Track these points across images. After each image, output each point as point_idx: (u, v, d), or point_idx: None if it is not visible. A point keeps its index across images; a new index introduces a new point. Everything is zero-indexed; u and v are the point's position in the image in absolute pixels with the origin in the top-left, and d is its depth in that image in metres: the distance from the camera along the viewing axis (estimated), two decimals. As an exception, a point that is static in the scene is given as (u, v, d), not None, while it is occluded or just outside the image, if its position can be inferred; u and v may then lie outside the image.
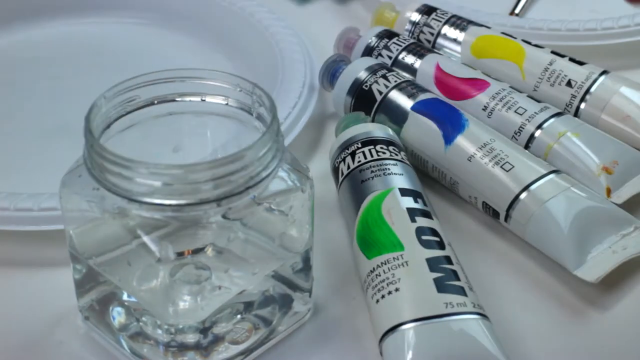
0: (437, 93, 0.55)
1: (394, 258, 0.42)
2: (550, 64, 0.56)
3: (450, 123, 0.51)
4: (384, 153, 0.48)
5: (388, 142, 0.49)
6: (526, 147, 0.51)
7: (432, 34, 0.61)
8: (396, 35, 0.59)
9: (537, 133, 0.51)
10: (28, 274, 0.46)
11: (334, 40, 0.61)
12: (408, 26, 0.62)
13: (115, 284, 0.40)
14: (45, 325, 0.43)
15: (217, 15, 0.66)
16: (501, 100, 0.53)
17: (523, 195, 0.47)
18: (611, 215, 0.47)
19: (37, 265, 0.47)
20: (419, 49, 0.58)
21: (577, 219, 0.45)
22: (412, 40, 0.59)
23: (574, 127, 0.51)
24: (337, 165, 0.49)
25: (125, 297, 0.40)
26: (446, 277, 0.41)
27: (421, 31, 0.61)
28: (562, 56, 0.57)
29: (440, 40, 0.60)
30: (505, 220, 0.48)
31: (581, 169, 0.50)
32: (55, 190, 0.39)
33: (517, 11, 0.70)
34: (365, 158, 0.48)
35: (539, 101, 0.53)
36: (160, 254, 0.37)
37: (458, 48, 0.60)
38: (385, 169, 0.47)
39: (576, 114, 0.55)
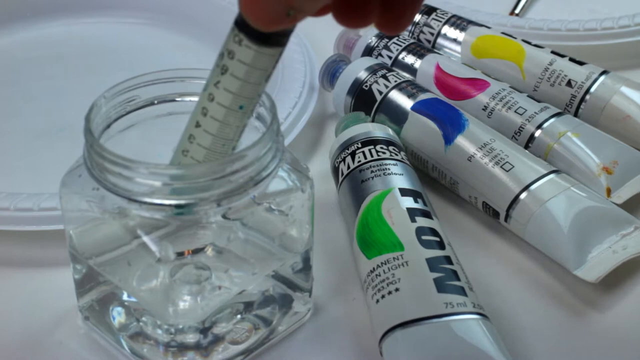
0: (437, 93, 0.55)
1: (394, 258, 0.42)
2: (550, 64, 0.56)
3: (450, 123, 0.51)
4: (384, 153, 0.48)
5: (388, 142, 0.49)
6: (526, 147, 0.51)
7: (432, 34, 0.61)
8: (396, 35, 0.59)
9: (537, 133, 0.51)
10: (28, 274, 0.46)
11: (334, 40, 0.61)
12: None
13: (115, 284, 0.40)
14: (45, 325, 0.43)
15: (217, 15, 0.66)
16: (501, 100, 0.53)
17: (523, 195, 0.47)
18: (611, 215, 0.47)
19: (37, 265, 0.47)
20: (419, 49, 0.58)
21: (577, 219, 0.45)
22: (412, 40, 0.59)
23: (574, 127, 0.51)
24: (337, 165, 0.49)
25: (125, 297, 0.40)
26: (446, 277, 0.41)
27: (421, 31, 0.61)
28: (562, 56, 0.57)
29: (440, 40, 0.60)
30: (505, 220, 0.48)
31: (581, 169, 0.50)
32: (55, 190, 0.39)
33: (517, 11, 0.70)
34: (365, 158, 0.48)
35: (539, 101, 0.53)
36: (160, 254, 0.37)
37: (458, 48, 0.60)
38: (385, 169, 0.47)
39: (576, 114, 0.55)
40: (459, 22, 0.60)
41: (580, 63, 0.56)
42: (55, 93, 0.61)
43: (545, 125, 0.52)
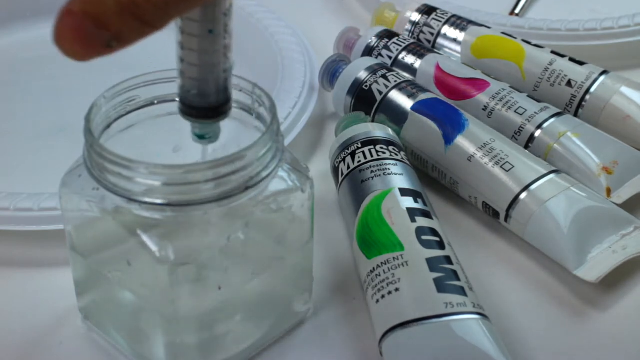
0: (437, 93, 0.55)
1: (394, 258, 0.42)
2: (550, 64, 0.56)
3: (450, 123, 0.51)
4: (384, 153, 0.48)
5: (388, 142, 0.49)
6: (526, 147, 0.51)
7: (432, 34, 0.61)
8: (396, 35, 0.59)
9: (537, 133, 0.51)
10: (28, 274, 0.46)
11: (334, 40, 0.61)
12: (408, 26, 0.62)
13: (115, 284, 0.40)
14: (45, 325, 0.43)
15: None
16: (501, 100, 0.53)
17: (523, 195, 0.47)
18: (611, 215, 0.47)
19: (37, 265, 0.47)
20: (419, 49, 0.58)
21: (577, 219, 0.45)
22: (412, 40, 0.59)
23: (574, 127, 0.51)
24: (337, 165, 0.49)
25: (125, 296, 0.40)
26: (446, 277, 0.41)
27: (421, 31, 0.61)
28: (562, 56, 0.57)
29: (440, 40, 0.60)
30: (505, 220, 0.48)
31: (581, 169, 0.50)
32: (55, 190, 0.39)
33: (517, 11, 0.70)
34: (365, 158, 0.48)
35: (539, 101, 0.53)
36: (160, 253, 0.37)
37: (458, 48, 0.60)
38: (385, 169, 0.47)
39: (576, 114, 0.55)
40: (459, 22, 0.60)
41: (580, 63, 0.56)
42: (55, 93, 0.61)
43: (545, 125, 0.51)
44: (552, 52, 0.57)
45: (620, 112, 0.54)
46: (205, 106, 0.36)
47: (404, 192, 0.45)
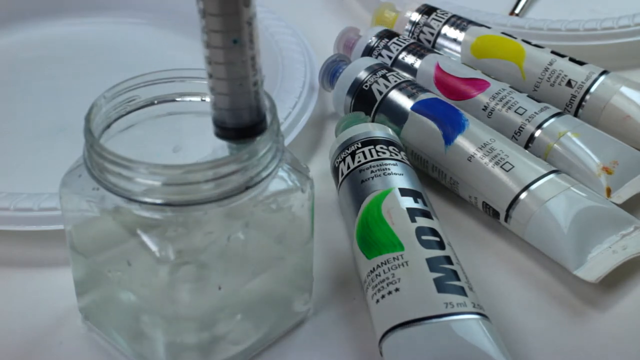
0: (437, 93, 0.55)
1: (394, 258, 0.42)
2: (550, 64, 0.56)
3: (450, 123, 0.51)
4: (384, 153, 0.48)
5: (388, 142, 0.49)
6: (526, 147, 0.51)
7: (432, 34, 0.61)
8: (396, 35, 0.59)
9: (537, 133, 0.51)
10: (28, 274, 0.46)
11: (334, 40, 0.61)
12: (408, 26, 0.62)
13: (115, 284, 0.40)
14: (45, 325, 0.43)
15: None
16: (501, 100, 0.53)
17: (523, 195, 0.47)
18: (611, 215, 0.47)
19: (37, 265, 0.47)
20: (419, 49, 0.58)
21: (577, 219, 0.45)
22: (412, 40, 0.59)
23: (574, 127, 0.51)
24: (337, 165, 0.49)
25: (125, 296, 0.40)
26: (446, 277, 0.41)
27: (421, 31, 0.61)
28: (562, 56, 0.57)
29: (440, 40, 0.60)
30: (505, 220, 0.48)
31: (581, 169, 0.50)
32: (55, 190, 0.39)
33: (517, 11, 0.70)
34: (365, 158, 0.48)
35: (539, 101, 0.53)
36: (160, 253, 0.37)
37: (458, 48, 0.60)
38: (385, 169, 0.47)
39: (576, 114, 0.55)
40: (459, 22, 0.60)
41: (580, 63, 0.56)
42: (55, 93, 0.61)
43: (545, 125, 0.52)
44: (552, 52, 0.57)
45: (620, 112, 0.54)
46: (240, 127, 0.36)
47: (404, 192, 0.45)
